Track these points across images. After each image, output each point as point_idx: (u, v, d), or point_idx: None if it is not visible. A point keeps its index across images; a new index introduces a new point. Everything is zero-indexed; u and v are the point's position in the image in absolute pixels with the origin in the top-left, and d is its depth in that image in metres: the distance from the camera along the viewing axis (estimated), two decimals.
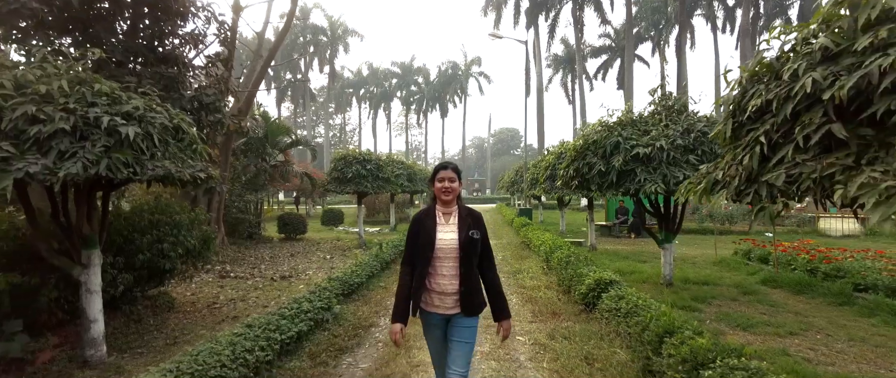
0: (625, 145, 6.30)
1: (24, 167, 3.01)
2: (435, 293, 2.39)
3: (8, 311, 3.51)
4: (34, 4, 4.15)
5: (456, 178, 2.45)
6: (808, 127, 2.38)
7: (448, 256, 2.36)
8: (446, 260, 2.37)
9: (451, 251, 2.35)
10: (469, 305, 2.37)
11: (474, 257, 2.39)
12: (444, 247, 2.36)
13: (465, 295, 2.35)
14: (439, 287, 2.38)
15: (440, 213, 2.45)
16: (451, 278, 2.37)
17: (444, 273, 2.37)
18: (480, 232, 2.42)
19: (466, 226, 2.39)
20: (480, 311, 2.44)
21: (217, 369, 3.12)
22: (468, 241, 2.35)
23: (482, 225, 2.46)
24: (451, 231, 2.39)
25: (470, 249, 2.35)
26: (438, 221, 2.42)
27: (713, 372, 2.69)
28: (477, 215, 2.48)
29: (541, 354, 4.22)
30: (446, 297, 2.38)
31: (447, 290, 2.37)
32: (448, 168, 2.47)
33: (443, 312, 2.40)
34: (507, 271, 8.39)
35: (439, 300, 2.39)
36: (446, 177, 2.43)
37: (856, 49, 2.23)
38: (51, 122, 3.19)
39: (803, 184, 2.36)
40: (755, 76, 2.94)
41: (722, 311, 5.51)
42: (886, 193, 1.90)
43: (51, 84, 3.36)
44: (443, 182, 2.42)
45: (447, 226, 2.41)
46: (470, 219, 2.43)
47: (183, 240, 5.22)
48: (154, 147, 3.65)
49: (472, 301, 2.38)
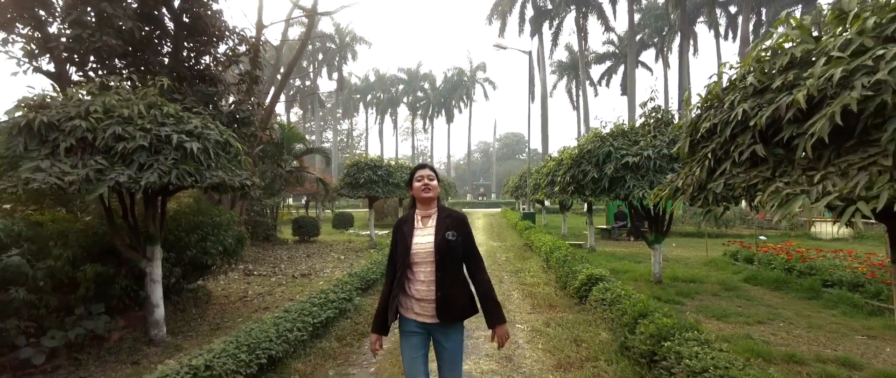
0: (616, 154, 6.96)
1: (115, 177, 3.74)
2: (415, 300, 2.28)
3: (92, 296, 4.22)
4: (112, 41, 4.89)
5: (435, 177, 2.37)
6: (740, 146, 3.03)
7: (424, 261, 2.25)
8: (423, 265, 2.25)
9: (426, 255, 2.24)
10: (445, 313, 2.23)
11: (453, 261, 2.26)
12: (419, 251, 2.25)
13: (441, 301, 2.22)
14: (418, 294, 2.26)
15: (419, 216, 2.36)
16: (429, 284, 2.24)
17: (422, 279, 2.25)
18: (461, 234, 2.29)
19: (444, 228, 2.27)
20: (462, 319, 2.31)
21: (267, 342, 3.81)
22: (444, 243, 2.23)
23: (464, 227, 2.34)
24: (427, 234, 2.29)
25: (446, 253, 2.23)
26: (416, 226, 2.33)
27: (672, 342, 3.34)
28: (459, 217, 2.36)
29: (536, 338, 4.87)
30: (427, 305, 2.25)
31: (426, 297, 2.24)
32: (426, 167, 2.40)
33: (423, 320, 2.28)
34: (509, 270, 9.05)
35: (419, 307, 2.27)
36: (425, 175, 2.35)
37: (773, 87, 2.89)
38: (133, 140, 3.92)
39: (737, 191, 3.02)
40: (707, 103, 3.60)
41: (702, 304, 6.13)
42: (785, 199, 2.55)
43: (131, 108, 4.08)
44: (422, 180, 2.33)
45: (424, 229, 2.31)
46: (449, 221, 2.31)
47: (222, 239, 5.93)
48: (209, 159, 4.37)
49: (449, 308, 2.23)
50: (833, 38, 2.74)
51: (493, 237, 16.08)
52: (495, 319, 2.29)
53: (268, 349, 3.73)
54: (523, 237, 13.66)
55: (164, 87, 4.46)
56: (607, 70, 43.95)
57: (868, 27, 2.50)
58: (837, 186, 2.37)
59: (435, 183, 2.35)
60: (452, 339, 2.29)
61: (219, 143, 4.55)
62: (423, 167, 2.40)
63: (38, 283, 3.72)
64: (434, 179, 2.35)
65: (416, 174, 2.37)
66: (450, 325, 2.28)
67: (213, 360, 3.21)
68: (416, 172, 2.38)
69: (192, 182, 4.14)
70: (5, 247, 3.49)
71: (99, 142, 3.84)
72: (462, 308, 2.29)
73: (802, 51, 2.84)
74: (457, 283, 2.28)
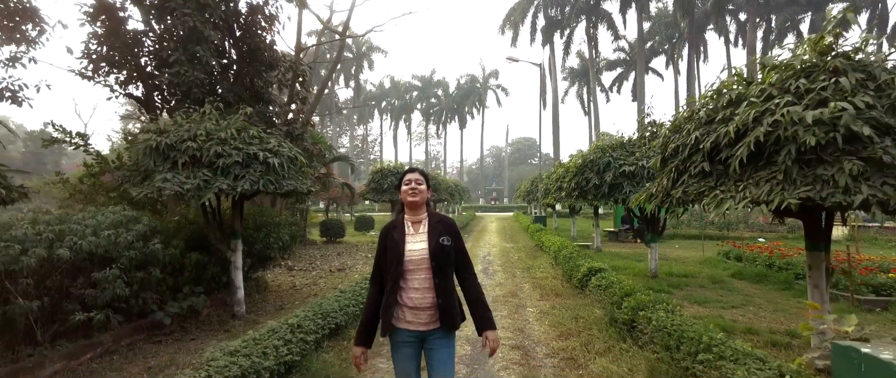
0: (614, 164, 8.00)
1: (218, 185, 4.91)
2: (408, 308, 2.21)
3: (193, 279, 5.40)
4: (202, 76, 6.11)
5: (423, 181, 2.33)
6: (694, 163, 4.08)
7: (419, 268, 2.20)
8: (418, 271, 2.20)
9: (421, 262, 2.20)
10: (448, 319, 2.20)
11: (447, 266, 2.23)
12: (414, 258, 2.20)
13: (442, 308, 2.18)
14: (412, 302, 2.20)
15: (409, 222, 2.31)
16: (424, 291, 2.19)
17: (417, 286, 2.20)
18: (453, 239, 2.27)
19: (437, 233, 2.24)
20: (458, 326, 2.28)
21: (332, 313, 4.93)
22: (439, 249, 2.20)
23: (455, 232, 2.31)
24: (420, 240, 2.24)
25: (442, 258, 2.20)
26: (407, 231, 2.28)
27: (646, 311, 4.38)
28: (449, 222, 2.34)
29: (544, 318, 5.93)
30: (421, 313, 2.20)
31: (420, 305, 2.19)
32: (415, 171, 2.36)
33: (416, 329, 2.22)
34: (522, 267, 10.09)
35: (413, 315, 2.21)
36: (413, 179, 2.31)
37: (716, 119, 3.93)
38: (229, 157, 5.10)
39: (691, 196, 4.06)
40: (675, 128, 4.64)
41: (689, 294, 7.11)
42: (717, 202, 3.59)
43: (226, 131, 5.27)
44: (409, 184, 2.29)
45: (417, 235, 2.26)
46: (441, 226, 2.29)
47: (280, 236, 7.10)
48: (284, 171, 5.53)
49: (450, 315, 2.20)
50: (755, 86, 3.78)
51: (507, 239, 17.11)
52: (486, 324, 2.22)
53: (334, 318, 4.86)
54: (534, 239, 14.67)
55: (248, 114, 5.65)
56: (618, 77, 44.73)
57: (775, 81, 3.54)
58: (752, 193, 3.42)
59: (423, 187, 2.30)
60: (446, 344, 2.24)
61: (289, 158, 5.72)
62: (412, 171, 2.36)
63: (165, 265, 4.91)
64: (422, 184, 2.31)
65: (404, 178, 2.33)
66: (447, 332, 2.23)
67: (302, 321, 4.34)
68: (405, 176, 2.34)
69: (274, 189, 5.31)
70: (149, 237, 4.66)
71: (204, 158, 5.03)
72: (458, 316, 2.26)
73: (736, 94, 3.89)
74: (453, 290, 2.25)
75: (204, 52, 6.19)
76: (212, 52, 6.43)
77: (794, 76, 3.53)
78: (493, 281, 8.61)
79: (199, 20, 6.15)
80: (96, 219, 4.47)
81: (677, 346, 3.58)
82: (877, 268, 6.81)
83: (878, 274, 6.39)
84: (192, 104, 6.32)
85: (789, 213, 3.52)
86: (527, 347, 4.78)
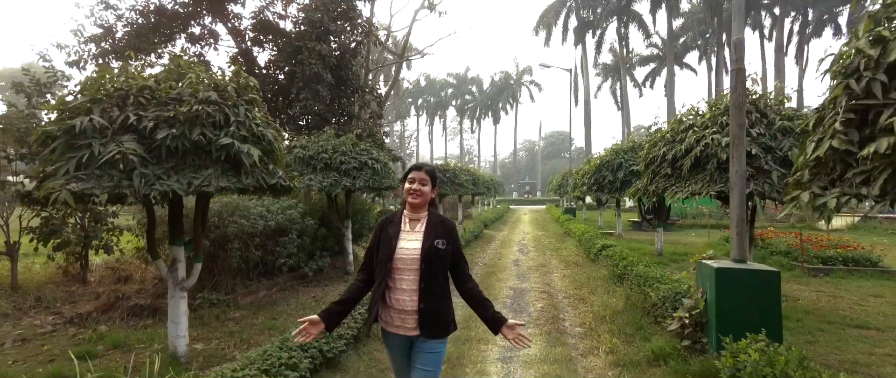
0: (625, 164, 10.04)
1: (344, 182, 7.38)
2: (394, 310, 2.11)
3: (320, 247, 7.95)
4: (319, 107, 8.68)
5: (428, 181, 2.18)
6: (662, 168, 6.19)
7: (408, 268, 2.08)
8: (406, 272, 2.08)
9: (411, 262, 2.08)
10: (429, 326, 2.08)
11: (439, 271, 2.11)
12: (404, 256, 2.09)
13: (423, 314, 2.06)
14: (399, 304, 2.09)
15: (407, 218, 2.20)
16: (411, 294, 2.07)
17: (404, 287, 2.08)
18: (449, 243, 2.14)
19: (433, 235, 2.12)
20: (447, 334, 2.16)
21: None
22: (431, 250, 2.08)
23: (454, 236, 2.19)
24: (414, 239, 2.13)
25: (433, 261, 2.08)
26: (403, 228, 2.17)
27: (633, 267, 6.53)
28: (450, 225, 2.21)
29: (566, 278, 8.14)
30: (407, 316, 2.09)
31: (407, 308, 2.08)
32: (421, 170, 2.20)
33: (404, 334, 2.12)
34: (551, 249, 12.27)
35: (400, 319, 2.11)
36: (417, 178, 2.17)
37: (677, 139, 6.03)
38: (349, 163, 7.55)
39: (660, 191, 6.17)
40: (653, 143, 6.71)
41: (681, 267, 9.12)
42: (672, 193, 5.71)
43: (345, 145, 7.73)
44: (412, 183, 2.16)
45: (412, 233, 2.15)
46: (440, 228, 2.16)
47: (370, 219, 9.60)
48: (380, 172, 7.96)
49: (433, 322, 2.09)
50: (701, 117, 5.86)
51: (539, 228, 19.23)
52: (499, 322, 2.10)
53: None
54: (563, 227, 16.75)
55: (360, 134, 8.10)
56: (651, 72, 45.35)
57: (708, 117, 5.64)
58: (693, 188, 5.55)
59: (427, 188, 2.18)
60: (433, 350, 2.13)
61: (383, 163, 8.15)
62: (419, 168, 2.22)
63: (309, 236, 7.47)
64: (427, 184, 2.18)
65: (409, 175, 2.20)
66: (430, 339, 2.11)
67: None
68: (410, 173, 2.21)
69: (377, 186, 7.74)
70: (305, 215, 7.21)
71: (333, 164, 7.50)
72: (446, 324, 2.16)
73: (689, 123, 5.97)
74: (443, 295, 2.15)
75: (323, 90, 8.70)
76: (326, 89, 8.95)
77: (721, 114, 5.61)
78: (527, 257, 10.85)
79: (320, 67, 8.65)
80: (276, 205, 7.04)
81: (642, 282, 5.77)
82: (828, 246, 8.62)
83: (828, 250, 8.23)
84: (311, 127, 8.88)
85: (721, 198, 5.62)
86: (551, 293, 7.05)
